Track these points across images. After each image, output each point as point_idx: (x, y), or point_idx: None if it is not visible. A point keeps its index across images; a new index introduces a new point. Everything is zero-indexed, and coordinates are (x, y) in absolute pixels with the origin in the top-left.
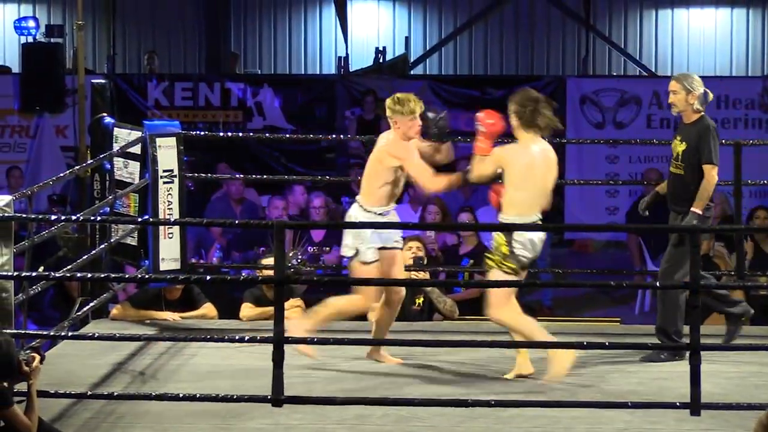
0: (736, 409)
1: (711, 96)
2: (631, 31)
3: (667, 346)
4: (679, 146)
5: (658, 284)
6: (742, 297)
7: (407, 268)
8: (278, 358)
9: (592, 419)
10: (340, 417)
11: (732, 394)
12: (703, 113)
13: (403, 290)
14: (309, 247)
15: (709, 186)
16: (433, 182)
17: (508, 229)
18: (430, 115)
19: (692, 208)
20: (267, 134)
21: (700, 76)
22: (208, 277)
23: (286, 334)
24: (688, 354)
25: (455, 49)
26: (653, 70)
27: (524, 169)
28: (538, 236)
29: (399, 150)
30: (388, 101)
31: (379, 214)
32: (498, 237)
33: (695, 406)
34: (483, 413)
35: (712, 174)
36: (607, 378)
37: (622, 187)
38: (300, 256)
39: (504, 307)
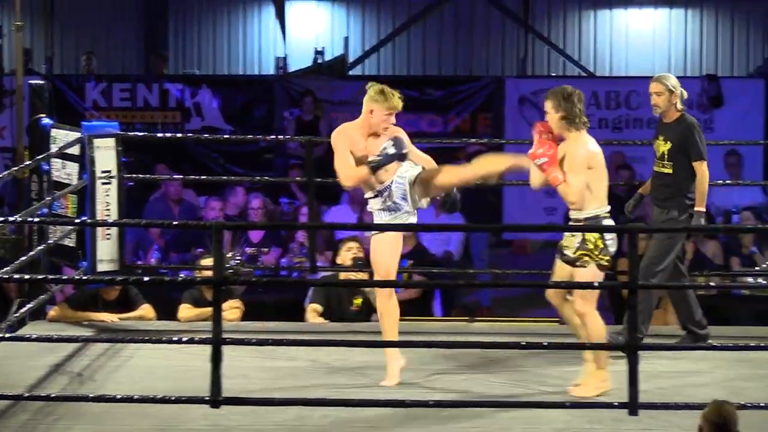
0: (674, 409)
1: (686, 94)
2: (570, 31)
3: (610, 345)
4: (663, 146)
5: (595, 284)
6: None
7: (346, 269)
8: (216, 359)
9: (530, 419)
10: (279, 418)
11: (670, 394)
12: (684, 111)
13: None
14: (247, 248)
15: (704, 182)
16: (346, 178)
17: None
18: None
19: (696, 208)
20: (205, 135)
21: (637, 77)
22: (147, 278)
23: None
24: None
25: (394, 50)
26: (592, 70)
27: (602, 164)
28: None
29: (334, 139)
30: (372, 88)
31: (376, 194)
32: (589, 233)
33: (633, 406)
34: (422, 414)
35: (703, 170)
36: (546, 378)
37: None
38: (238, 257)
39: (592, 303)
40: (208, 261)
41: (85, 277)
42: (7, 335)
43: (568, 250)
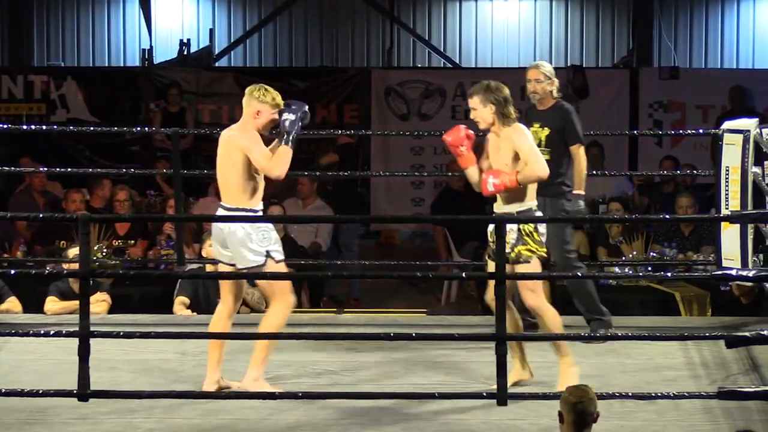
0: (542, 399)
1: (557, 81)
2: (436, 23)
3: (480, 336)
4: (541, 132)
5: (464, 275)
6: (548, 287)
7: (214, 261)
8: (84, 353)
9: (400, 410)
10: (148, 411)
11: (538, 383)
12: (559, 98)
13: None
14: (114, 241)
15: (583, 166)
16: (277, 167)
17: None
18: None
19: (576, 191)
20: (71, 127)
21: (505, 68)
22: (13, 272)
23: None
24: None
25: (260, 41)
26: (457, 62)
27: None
28: None
29: (245, 140)
30: (255, 89)
31: (258, 212)
32: (525, 226)
33: (502, 396)
34: (292, 405)
35: (581, 153)
36: (415, 369)
37: (427, 179)
38: (105, 250)
39: (542, 296)
40: (74, 251)
41: None
42: None
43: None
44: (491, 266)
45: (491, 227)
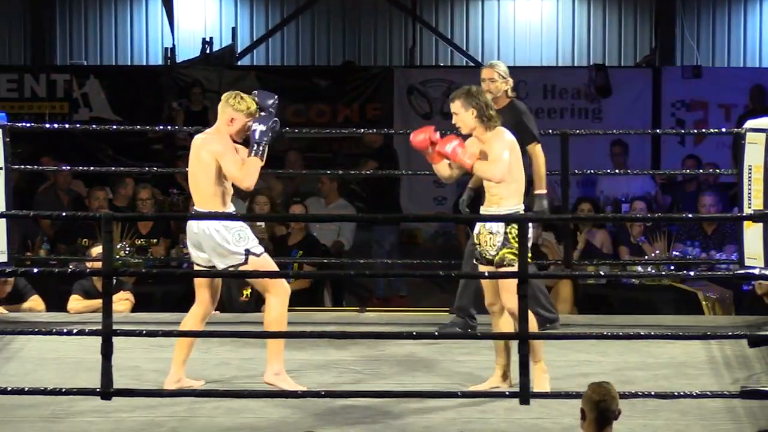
0: (564, 398)
1: (512, 82)
2: (458, 21)
3: (495, 335)
4: None
5: (486, 274)
6: (571, 285)
7: None
8: (107, 351)
9: (422, 409)
10: (170, 410)
11: (561, 383)
12: (514, 98)
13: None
14: (136, 239)
15: (541, 164)
16: (246, 178)
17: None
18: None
19: (537, 191)
20: (94, 126)
21: (528, 67)
22: (36, 270)
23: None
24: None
25: (282, 39)
26: (480, 60)
27: (520, 156)
28: None
29: (218, 145)
30: (230, 97)
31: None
32: (511, 230)
33: (525, 395)
34: (315, 404)
35: (538, 151)
36: (437, 367)
37: None
38: (128, 248)
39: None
40: (97, 249)
41: None
42: None
43: (487, 251)
44: (479, 267)
45: (477, 229)
